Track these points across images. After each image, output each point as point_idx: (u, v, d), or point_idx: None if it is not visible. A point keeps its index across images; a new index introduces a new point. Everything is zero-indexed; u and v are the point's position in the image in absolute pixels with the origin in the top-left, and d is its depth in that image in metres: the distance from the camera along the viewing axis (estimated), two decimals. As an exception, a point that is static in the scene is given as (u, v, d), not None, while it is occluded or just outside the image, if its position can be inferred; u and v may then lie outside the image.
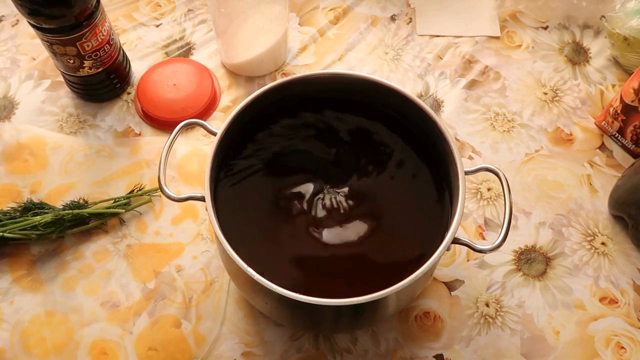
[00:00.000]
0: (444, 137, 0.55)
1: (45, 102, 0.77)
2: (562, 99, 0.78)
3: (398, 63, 0.81)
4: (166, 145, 0.56)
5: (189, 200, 0.54)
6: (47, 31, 0.65)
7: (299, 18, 0.85)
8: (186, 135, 0.74)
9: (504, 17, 0.85)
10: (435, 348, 0.61)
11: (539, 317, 0.63)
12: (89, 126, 0.75)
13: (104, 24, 0.68)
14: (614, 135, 0.74)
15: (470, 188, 0.71)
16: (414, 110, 0.58)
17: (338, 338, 0.61)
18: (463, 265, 0.66)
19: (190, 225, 0.68)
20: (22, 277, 0.65)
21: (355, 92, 0.61)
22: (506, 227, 0.52)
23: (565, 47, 0.82)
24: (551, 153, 0.74)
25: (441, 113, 0.76)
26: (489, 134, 0.75)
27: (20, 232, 0.63)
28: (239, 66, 0.78)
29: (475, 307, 0.63)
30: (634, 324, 0.63)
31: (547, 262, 0.66)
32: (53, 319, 0.62)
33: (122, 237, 0.67)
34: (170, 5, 0.86)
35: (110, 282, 0.64)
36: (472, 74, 0.80)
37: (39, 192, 0.70)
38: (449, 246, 0.51)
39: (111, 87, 0.76)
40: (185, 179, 0.71)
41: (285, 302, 0.48)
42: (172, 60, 0.79)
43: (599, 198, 0.70)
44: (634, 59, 0.76)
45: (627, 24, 0.75)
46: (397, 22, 0.85)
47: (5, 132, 0.74)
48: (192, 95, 0.75)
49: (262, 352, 0.61)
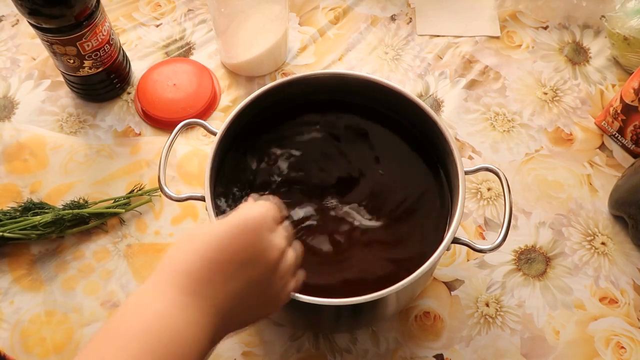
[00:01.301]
0: (444, 137, 0.55)
1: (45, 102, 0.77)
2: (562, 99, 0.78)
3: (398, 63, 0.81)
4: (166, 145, 0.56)
5: (189, 200, 0.54)
6: (47, 31, 0.65)
7: (299, 18, 0.85)
8: (186, 135, 0.74)
9: (504, 17, 0.85)
10: (435, 348, 0.61)
11: (539, 317, 0.63)
12: (89, 126, 0.75)
13: (104, 24, 0.68)
14: (614, 135, 0.74)
15: (470, 188, 0.71)
16: (414, 110, 0.58)
17: (338, 338, 0.61)
18: (463, 265, 0.66)
19: (190, 225, 0.68)
20: (22, 277, 0.65)
21: (355, 92, 0.61)
22: (506, 227, 0.52)
23: (565, 47, 0.82)
24: (551, 153, 0.74)
25: (441, 113, 0.76)
26: (489, 134, 0.75)
27: (20, 232, 0.63)
28: (239, 66, 0.78)
29: (475, 307, 0.63)
30: (634, 323, 0.63)
31: (547, 262, 0.66)
32: (53, 318, 0.62)
33: (122, 237, 0.67)
34: (170, 5, 0.86)
35: (110, 282, 0.64)
36: (472, 73, 0.80)
37: (39, 192, 0.70)
38: (449, 246, 0.51)
39: (111, 87, 0.76)
40: (185, 179, 0.71)
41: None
42: (172, 60, 0.79)
43: (599, 198, 0.70)
44: (634, 59, 0.76)
45: (627, 24, 0.75)
46: (397, 22, 0.85)
47: (5, 132, 0.74)
48: (192, 95, 0.75)
49: (262, 352, 0.61)
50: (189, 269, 0.39)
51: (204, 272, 0.39)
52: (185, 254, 0.40)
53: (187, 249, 0.40)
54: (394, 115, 0.61)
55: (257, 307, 0.43)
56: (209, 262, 0.39)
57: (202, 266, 0.39)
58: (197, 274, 0.39)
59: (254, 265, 0.41)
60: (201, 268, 0.39)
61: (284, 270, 0.44)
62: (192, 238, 0.40)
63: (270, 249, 0.42)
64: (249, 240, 0.41)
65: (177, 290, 0.38)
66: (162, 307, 0.37)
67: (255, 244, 0.41)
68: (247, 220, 0.41)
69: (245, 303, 0.41)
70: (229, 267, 0.40)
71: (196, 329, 0.37)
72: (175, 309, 0.37)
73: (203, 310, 0.38)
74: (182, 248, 0.40)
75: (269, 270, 0.42)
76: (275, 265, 0.43)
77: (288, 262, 0.44)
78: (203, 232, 0.40)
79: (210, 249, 0.39)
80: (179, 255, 0.40)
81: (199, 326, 0.38)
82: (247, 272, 0.40)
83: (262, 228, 0.42)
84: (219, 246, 0.40)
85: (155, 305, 0.37)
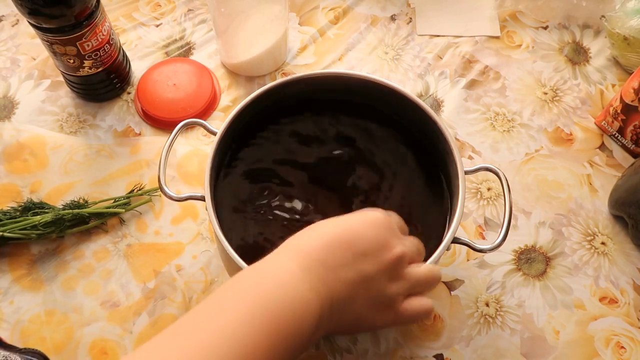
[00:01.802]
0: (444, 137, 0.55)
1: (45, 102, 0.77)
2: (562, 99, 0.78)
3: (398, 63, 0.81)
4: (166, 145, 0.56)
5: (189, 200, 0.54)
6: (47, 31, 0.65)
7: (299, 18, 0.85)
8: (186, 135, 0.74)
9: (504, 17, 0.85)
10: (435, 348, 0.61)
11: (539, 316, 0.63)
12: (89, 126, 0.75)
13: (104, 24, 0.68)
14: (614, 135, 0.74)
15: (470, 188, 0.71)
16: (414, 110, 0.58)
17: (338, 338, 0.61)
18: (463, 265, 0.66)
19: (190, 225, 0.68)
20: (22, 277, 0.65)
21: (355, 92, 0.61)
22: (506, 226, 0.52)
23: (565, 47, 0.82)
24: (551, 153, 0.74)
25: (441, 113, 0.76)
26: (489, 134, 0.75)
27: (20, 232, 0.64)
28: (239, 66, 0.78)
29: (475, 306, 0.63)
30: (634, 323, 0.63)
31: (547, 261, 0.66)
32: (53, 318, 0.62)
33: (122, 237, 0.67)
34: (170, 5, 0.86)
35: (110, 282, 0.64)
36: (472, 73, 0.80)
37: (39, 191, 0.70)
38: (449, 246, 0.51)
39: (111, 87, 0.76)
40: (185, 178, 0.71)
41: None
42: (172, 60, 0.79)
43: (599, 198, 0.70)
44: (634, 59, 0.76)
45: (627, 24, 0.75)
46: (397, 22, 0.85)
47: (5, 132, 0.74)
48: (192, 95, 0.75)
49: (262, 352, 0.61)
50: (310, 249, 0.41)
51: (323, 254, 0.40)
52: (310, 236, 0.42)
53: (313, 234, 0.42)
54: (394, 115, 0.61)
55: (365, 306, 0.42)
56: (329, 246, 0.41)
57: (322, 248, 0.41)
58: (315, 254, 0.40)
59: (370, 259, 0.42)
60: (321, 250, 0.41)
61: (401, 276, 0.43)
62: (321, 225, 0.43)
63: (389, 248, 0.42)
64: (371, 232, 0.42)
65: (296, 265, 0.40)
66: (283, 278, 0.39)
67: (377, 237, 0.42)
68: (375, 216, 0.43)
69: (353, 298, 0.41)
70: (346, 254, 0.41)
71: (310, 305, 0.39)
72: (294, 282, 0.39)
73: (316, 289, 0.39)
74: (308, 231, 0.42)
75: (384, 271, 0.42)
76: (391, 267, 0.42)
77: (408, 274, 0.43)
78: (332, 220, 0.43)
79: (335, 234, 0.41)
80: (304, 236, 0.42)
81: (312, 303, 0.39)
82: (362, 265, 0.41)
83: (387, 227, 0.43)
84: (344, 232, 0.42)
85: (276, 276, 0.39)
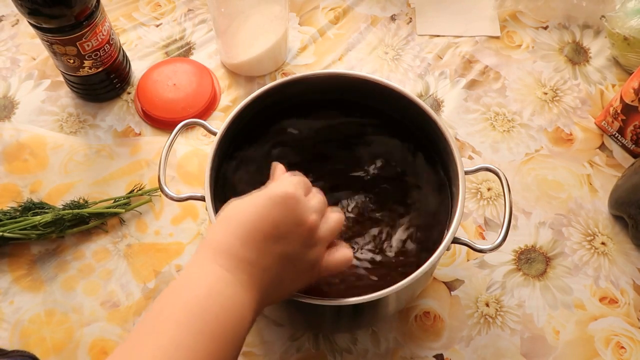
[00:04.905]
0: (444, 137, 0.55)
1: (45, 102, 0.77)
2: (562, 99, 0.78)
3: (398, 63, 0.81)
4: (166, 145, 0.56)
5: (189, 200, 0.54)
6: (47, 31, 0.65)
7: (299, 18, 0.85)
8: (186, 135, 0.74)
9: (504, 17, 0.85)
10: (435, 348, 0.61)
11: (539, 316, 0.63)
12: (89, 126, 0.75)
13: (104, 24, 0.68)
14: (614, 135, 0.74)
15: (470, 188, 0.71)
16: (414, 110, 0.58)
17: (338, 338, 0.61)
18: (463, 265, 0.66)
19: (190, 225, 0.68)
20: (22, 277, 0.65)
21: (355, 92, 0.61)
22: (506, 226, 0.52)
23: (565, 47, 0.82)
24: (551, 153, 0.74)
25: (441, 113, 0.76)
26: (489, 134, 0.75)
27: (20, 232, 0.63)
28: (239, 66, 0.78)
29: (475, 306, 0.63)
30: (634, 323, 0.63)
31: (547, 262, 0.66)
32: (53, 318, 0.62)
33: (122, 237, 0.67)
34: (170, 5, 0.86)
35: (110, 282, 0.64)
36: (472, 73, 0.80)
37: (39, 191, 0.70)
38: (449, 246, 0.51)
39: (111, 87, 0.76)
40: (185, 179, 0.71)
41: (285, 301, 0.48)
42: (172, 60, 0.79)
43: (599, 198, 0.70)
44: (634, 59, 0.76)
45: (627, 24, 0.75)
46: (397, 22, 0.85)
47: (5, 132, 0.74)
48: (192, 95, 0.75)
49: (262, 352, 0.61)
50: (230, 247, 0.41)
51: (242, 251, 0.41)
52: (226, 231, 0.42)
53: (229, 228, 0.42)
54: (394, 115, 0.61)
55: (292, 279, 0.45)
56: (247, 242, 0.41)
57: (241, 245, 0.41)
58: (235, 251, 0.41)
59: (287, 239, 0.42)
60: (240, 247, 0.41)
61: (317, 240, 0.45)
62: (230, 219, 0.42)
63: (301, 222, 0.43)
64: (281, 214, 0.42)
65: (220, 268, 0.40)
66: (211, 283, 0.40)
67: (288, 217, 0.42)
68: (280, 194, 0.43)
69: (281, 278, 0.43)
70: (265, 244, 0.42)
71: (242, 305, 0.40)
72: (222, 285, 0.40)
73: (246, 287, 0.41)
74: (221, 225, 0.42)
75: (302, 243, 0.43)
76: (307, 237, 0.44)
77: (321, 232, 0.45)
78: (238, 212, 0.43)
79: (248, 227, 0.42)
80: (219, 232, 0.42)
81: (244, 302, 0.40)
82: (281, 248, 0.42)
83: (293, 201, 0.43)
84: (257, 222, 0.42)
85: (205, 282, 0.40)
